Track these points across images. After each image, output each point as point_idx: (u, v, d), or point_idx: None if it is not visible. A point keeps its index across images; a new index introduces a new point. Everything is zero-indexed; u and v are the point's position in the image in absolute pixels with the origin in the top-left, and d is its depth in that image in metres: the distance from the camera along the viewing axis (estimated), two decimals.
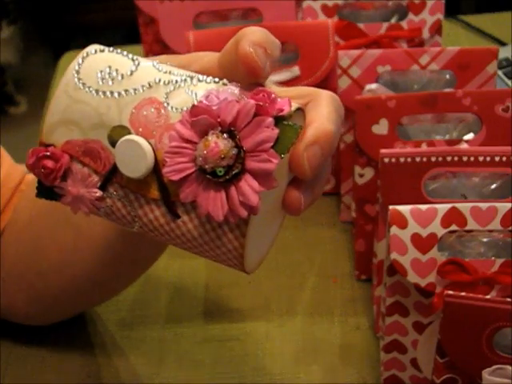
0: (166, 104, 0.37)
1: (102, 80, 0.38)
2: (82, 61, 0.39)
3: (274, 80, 0.73)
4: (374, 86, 0.70)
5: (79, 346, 0.68)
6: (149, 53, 0.89)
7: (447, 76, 0.71)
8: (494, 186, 0.62)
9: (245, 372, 0.65)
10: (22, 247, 0.62)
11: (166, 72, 0.39)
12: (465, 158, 0.60)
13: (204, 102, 0.36)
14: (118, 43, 1.11)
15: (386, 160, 0.60)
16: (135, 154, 0.37)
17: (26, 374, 0.66)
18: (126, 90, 0.38)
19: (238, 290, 0.72)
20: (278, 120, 0.36)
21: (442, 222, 0.54)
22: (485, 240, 0.56)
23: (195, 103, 0.36)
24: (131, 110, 0.38)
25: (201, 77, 0.38)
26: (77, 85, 0.38)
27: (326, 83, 0.75)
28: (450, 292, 0.51)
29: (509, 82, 0.88)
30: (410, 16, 0.77)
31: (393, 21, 0.79)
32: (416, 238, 0.54)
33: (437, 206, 0.55)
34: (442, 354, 0.53)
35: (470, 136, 0.66)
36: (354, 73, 0.71)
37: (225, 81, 0.38)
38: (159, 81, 0.38)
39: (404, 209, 0.55)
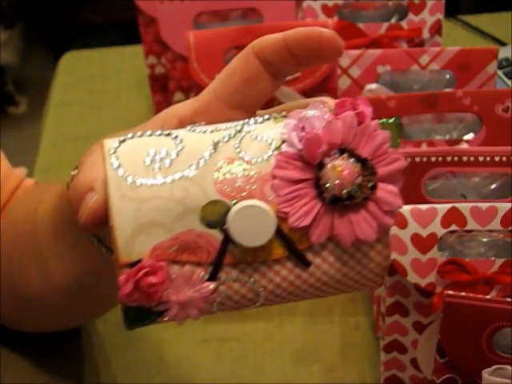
0: (245, 158, 0.34)
1: (154, 166, 0.33)
2: (116, 158, 0.33)
3: None
4: (374, 86, 0.70)
5: (79, 346, 0.68)
6: (149, 53, 0.89)
7: (447, 76, 0.71)
8: (493, 186, 0.62)
9: (245, 372, 0.65)
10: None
11: (211, 131, 0.35)
12: (465, 158, 0.60)
13: (292, 136, 0.34)
14: (118, 43, 1.11)
15: None
16: (258, 220, 0.33)
17: (24, 374, 0.66)
18: (190, 165, 0.33)
19: None
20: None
21: (442, 222, 0.54)
22: (485, 240, 0.56)
23: (285, 142, 0.34)
24: (212, 180, 0.33)
25: (250, 120, 0.35)
26: (131, 183, 0.33)
27: (325, 83, 0.75)
28: (450, 292, 0.51)
29: (509, 81, 0.88)
30: (410, 16, 0.77)
31: (393, 21, 0.79)
32: (416, 238, 0.54)
33: (437, 206, 0.55)
34: (442, 354, 0.53)
35: (469, 136, 0.66)
36: (354, 73, 0.71)
37: (274, 115, 0.36)
38: (218, 141, 0.34)
39: (404, 209, 0.55)
